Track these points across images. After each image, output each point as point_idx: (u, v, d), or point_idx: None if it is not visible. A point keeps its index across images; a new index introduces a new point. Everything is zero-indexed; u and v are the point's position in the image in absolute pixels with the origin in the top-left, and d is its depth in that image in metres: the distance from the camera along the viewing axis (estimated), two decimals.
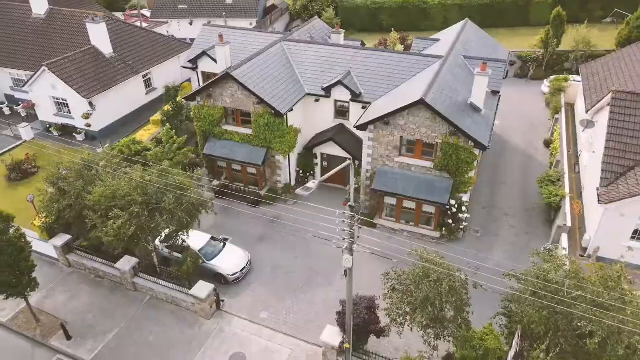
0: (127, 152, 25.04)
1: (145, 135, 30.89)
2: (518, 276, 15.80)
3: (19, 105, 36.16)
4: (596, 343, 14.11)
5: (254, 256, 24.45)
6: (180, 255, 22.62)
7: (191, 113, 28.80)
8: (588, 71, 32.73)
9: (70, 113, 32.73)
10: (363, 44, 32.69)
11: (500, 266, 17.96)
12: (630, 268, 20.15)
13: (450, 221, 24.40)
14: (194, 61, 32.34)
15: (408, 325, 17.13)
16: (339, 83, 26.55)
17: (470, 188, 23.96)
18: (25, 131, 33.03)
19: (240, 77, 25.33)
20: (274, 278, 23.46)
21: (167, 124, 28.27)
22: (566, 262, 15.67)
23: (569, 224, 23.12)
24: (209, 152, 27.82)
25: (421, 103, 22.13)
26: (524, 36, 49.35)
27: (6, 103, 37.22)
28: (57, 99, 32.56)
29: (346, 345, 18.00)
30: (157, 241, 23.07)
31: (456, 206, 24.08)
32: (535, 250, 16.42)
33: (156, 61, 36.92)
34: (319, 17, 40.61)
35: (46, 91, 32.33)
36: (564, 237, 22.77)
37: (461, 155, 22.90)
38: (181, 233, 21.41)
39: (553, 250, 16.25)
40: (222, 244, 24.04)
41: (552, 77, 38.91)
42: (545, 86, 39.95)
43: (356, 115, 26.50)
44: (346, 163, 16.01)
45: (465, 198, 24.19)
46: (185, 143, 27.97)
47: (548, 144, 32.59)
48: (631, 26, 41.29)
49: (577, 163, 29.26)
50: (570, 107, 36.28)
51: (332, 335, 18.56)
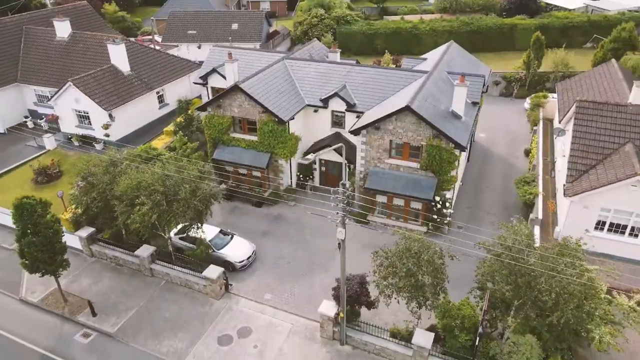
0: (145, 156, 27.94)
1: (159, 144, 33.88)
2: (486, 245, 18.53)
3: (42, 118, 39.29)
4: (552, 299, 16.72)
5: (259, 249, 27.06)
6: (193, 245, 25.28)
7: (202, 123, 31.87)
8: (563, 87, 35.99)
9: (90, 124, 35.82)
10: (357, 62, 36.02)
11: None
12: (594, 256, 22.72)
13: (435, 216, 27.11)
14: (205, 77, 35.68)
15: (395, 297, 19.71)
16: (336, 95, 29.73)
17: (452, 186, 26.78)
18: (48, 141, 36.08)
19: (247, 89, 28.52)
20: (277, 266, 26.03)
21: (180, 132, 31.26)
22: (525, 232, 18.35)
23: (540, 217, 25.85)
24: (218, 157, 30.76)
25: (407, 109, 25.20)
26: (510, 59, 53.16)
27: (30, 117, 40.36)
28: (79, 112, 35.70)
29: (340, 314, 20.48)
30: (172, 233, 25.79)
31: (440, 202, 26.87)
32: (502, 223, 19.21)
33: (168, 79, 40.31)
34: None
35: (69, 105, 35.51)
36: (537, 229, 25.48)
37: (443, 155, 25.83)
38: (195, 225, 24.08)
39: (516, 222, 18.95)
40: (230, 236, 26.71)
41: (533, 95, 42.21)
42: (527, 103, 43.22)
43: (351, 123, 29.48)
44: (338, 145, 18.74)
45: (448, 195, 26.99)
46: (195, 150, 30.99)
47: (527, 153, 35.58)
48: (605, 49, 45.06)
49: (553, 169, 32.15)
50: (549, 122, 39.41)
51: (329, 307, 21.08)
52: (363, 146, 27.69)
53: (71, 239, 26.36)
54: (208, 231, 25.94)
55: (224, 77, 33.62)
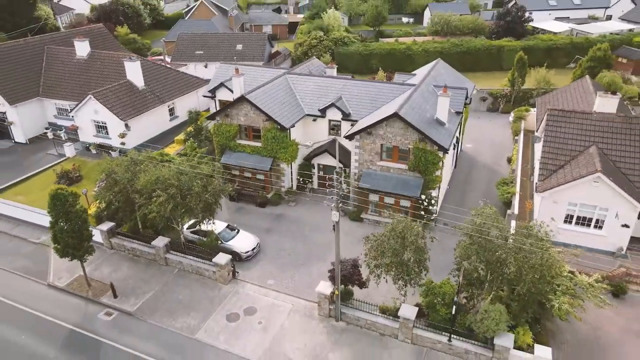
0: (160, 159, 30.97)
1: (171, 150, 36.92)
2: (459, 227, 21.42)
3: (62, 129, 42.46)
4: (513, 271, 19.51)
5: (262, 243, 29.82)
6: (203, 238, 28.10)
7: (210, 131, 34.98)
8: (542, 101, 39.28)
9: (107, 134, 38.97)
10: (353, 77, 39.34)
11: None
12: (562, 247, 25.47)
13: (422, 213, 29.96)
14: (213, 91, 38.98)
15: (383, 277, 22.43)
16: (332, 105, 32.94)
17: (437, 185, 29.71)
18: (68, 149, 39.19)
19: (253, 99, 31.73)
20: (279, 257, 28.76)
21: (191, 139, 34.36)
22: (489, 212, 21.25)
23: (516, 213, 28.71)
24: (226, 162, 33.74)
25: (395, 116, 28.35)
26: (497, 78, 56.70)
27: (50, 128, 43.53)
28: (98, 122, 38.90)
29: (335, 292, 23.17)
30: (184, 227, 28.64)
31: (427, 200, 29.77)
32: (471, 208, 22.11)
33: (179, 93, 43.69)
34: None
35: (89, 116, 38.75)
36: (513, 223, 28.29)
37: (429, 157, 28.86)
38: (207, 219, 26.91)
39: (483, 205, 21.86)
40: (236, 230, 29.52)
41: (516, 109, 45.48)
42: (511, 117, 46.47)
43: (346, 131, 32.61)
44: (332, 139, 21.67)
45: (434, 193, 29.90)
46: (204, 155, 34.00)
47: (510, 161, 38.61)
48: (583, 67, 48.64)
49: (533, 173, 35.13)
50: (530, 133, 42.55)
51: (325, 287, 23.77)
52: (357, 150, 30.75)
53: (93, 233, 29.19)
54: (216, 225, 28.74)
55: (231, 91, 36.86)
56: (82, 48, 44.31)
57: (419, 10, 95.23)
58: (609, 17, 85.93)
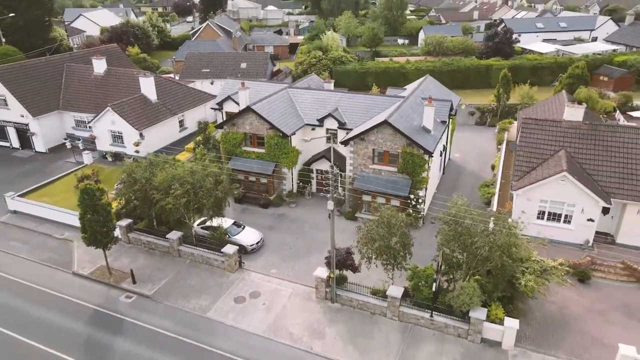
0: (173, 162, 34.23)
1: (182, 157, 40.18)
2: (439, 216, 24.59)
3: (79, 139, 45.83)
4: (486, 251, 22.60)
5: (265, 239, 32.85)
6: (212, 233, 31.18)
7: (218, 139, 38.32)
8: (523, 114, 42.76)
9: (123, 143, 42.34)
10: (348, 90, 42.87)
11: None
12: (538, 241, 28.44)
13: (411, 211, 33.09)
14: (221, 104, 42.50)
15: (373, 262, 25.43)
16: (329, 115, 36.39)
17: (424, 185, 32.90)
18: (86, 157, 42.51)
19: (257, 110, 35.20)
20: (281, 250, 31.77)
21: (200, 146, 37.69)
22: (459, 202, 24.45)
23: (495, 210, 31.78)
24: (232, 167, 36.94)
25: (386, 123, 31.74)
26: (485, 95, 60.46)
27: (69, 139, 46.92)
28: (114, 132, 42.32)
29: (331, 275, 26.16)
30: (195, 224, 31.74)
31: (415, 199, 32.93)
32: (447, 200, 25.30)
33: (188, 107, 47.26)
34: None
35: (106, 126, 42.20)
36: (491, 220, 31.36)
37: (415, 160, 32.15)
38: (217, 215, 30.04)
39: (456, 197, 25.06)
40: (242, 227, 32.62)
41: (500, 121, 49.01)
42: (497, 129, 49.97)
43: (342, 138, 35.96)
44: (327, 136, 24.97)
45: (421, 193, 33.08)
46: (213, 161, 37.28)
47: (493, 167, 41.89)
48: (563, 84, 52.34)
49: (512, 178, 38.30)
50: (512, 142, 45.91)
51: (322, 271, 26.77)
52: (351, 154, 34.08)
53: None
54: (224, 222, 31.83)
55: (237, 103, 40.30)
56: (100, 65, 48.07)
57: (414, 32, 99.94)
58: (595, 39, 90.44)
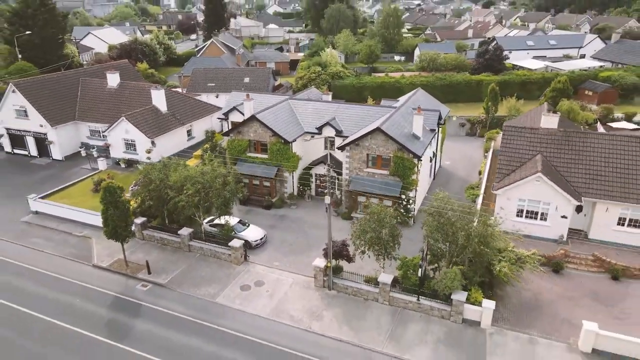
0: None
1: (190, 164, 43.27)
2: (425, 209, 27.56)
3: (94, 148, 49.00)
4: (464, 237, 25.53)
5: (268, 236, 35.67)
6: (219, 231, 34.10)
7: (224, 146, 41.44)
8: (508, 124, 45.93)
9: (135, 150, 45.50)
10: (345, 101, 46.18)
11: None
12: (514, 235, 31.30)
13: (402, 211, 36.02)
14: (226, 114, 45.79)
15: (366, 253, 28.31)
16: (327, 124, 39.60)
17: (414, 187, 35.90)
18: (101, 163, 45.67)
19: (261, 118, 38.41)
20: (282, 246, 34.64)
21: (208, 152, 40.82)
22: (440, 195, 27.46)
23: (479, 209, 34.73)
24: (238, 171, 40.01)
25: (378, 130, 34.90)
26: (476, 108, 63.81)
27: (84, 147, 50.15)
28: (127, 140, 45.51)
29: (328, 264, 29.01)
30: (204, 222, 34.67)
31: (406, 200, 35.92)
32: (433, 193, 28.33)
33: (195, 117, 50.56)
34: None
35: (120, 135, 45.40)
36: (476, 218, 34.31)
37: (406, 163, 35.23)
38: (225, 214, 32.99)
39: (438, 191, 28.07)
40: (247, 225, 35.55)
41: (488, 132, 52.28)
42: (485, 139, 53.20)
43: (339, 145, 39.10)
44: (325, 137, 28.04)
45: (411, 194, 36.07)
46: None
47: (480, 173, 44.96)
48: (547, 97, 55.72)
49: None
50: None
51: (320, 262, 29.62)
52: (347, 159, 37.16)
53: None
54: (231, 220, 34.77)
55: (242, 114, 43.62)
56: (113, 79, 51.52)
57: (410, 49, 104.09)
58: (583, 56, 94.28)
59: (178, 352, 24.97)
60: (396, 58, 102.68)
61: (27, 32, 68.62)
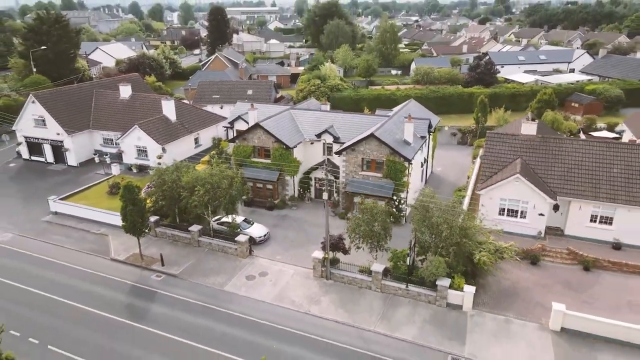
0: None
1: (198, 168, 46.47)
2: (413, 205, 30.66)
3: (107, 155, 52.26)
4: (447, 229, 28.60)
5: (271, 234, 38.72)
6: (226, 228, 37.19)
7: (230, 152, 44.70)
8: (491, 131, 49.24)
9: (147, 157, 48.76)
10: (342, 111, 49.56)
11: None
12: (502, 234, 34.22)
13: (395, 210, 39.10)
14: (232, 123, 49.15)
15: (360, 246, 31.34)
16: (326, 131, 42.90)
17: (405, 189, 39.04)
18: (115, 169, 48.90)
19: (264, 126, 41.73)
20: (284, 242, 37.66)
21: (215, 157, 44.08)
22: (427, 191, 30.57)
23: (466, 209, 37.84)
24: (244, 174, 43.23)
25: (372, 136, 38.19)
26: (468, 119, 67.26)
27: (97, 154, 53.41)
28: (139, 147, 48.79)
29: (325, 256, 32.03)
30: (212, 220, 37.76)
31: (398, 200, 39.04)
32: (420, 190, 31.44)
33: (202, 126, 53.92)
34: None
35: (132, 142, 48.71)
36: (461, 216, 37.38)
37: (397, 167, 38.44)
38: (231, 213, 36.10)
39: (425, 188, 31.16)
40: (252, 223, 38.63)
41: (477, 140, 55.61)
42: (474, 147, 56.49)
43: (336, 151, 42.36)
44: (325, 142, 31.32)
45: (403, 195, 39.19)
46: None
47: (469, 177, 48.15)
48: (532, 108, 59.17)
49: None
50: None
51: (318, 254, 32.65)
52: (344, 163, 40.40)
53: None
54: (237, 219, 37.84)
55: (247, 122, 46.95)
56: (126, 91, 55.02)
57: (406, 64, 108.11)
58: (572, 70, 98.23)
59: (191, 331, 27.89)
60: (393, 72, 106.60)
61: (43, 47, 72.37)
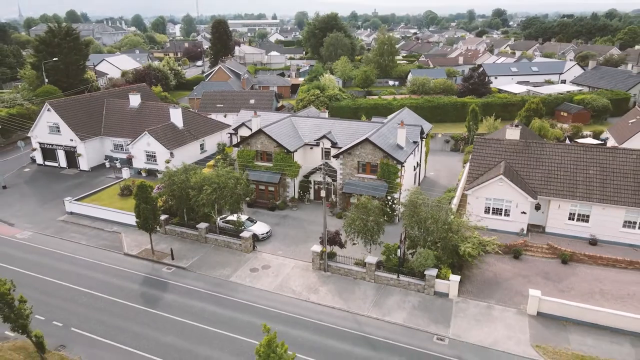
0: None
1: (205, 171, 49.36)
2: (403, 203, 33.52)
3: (117, 160, 55.20)
4: (434, 223, 31.40)
5: (273, 231, 41.51)
6: (232, 226, 40.00)
7: (234, 155, 47.63)
8: (478, 137, 52.25)
9: (155, 161, 51.71)
10: (340, 118, 52.57)
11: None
12: (487, 231, 37.07)
13: (388, 210, 41.90)
14: (236, 129, 52.16)
15: (355, 240, 34.14)
16: (324, 137, 45.87)
17: (398, 189, 41.89)
18: (125, 173, 51.80)
19: (267, 132, 44.72)
20: (285, 239, 40.42)
21: (221, 161, 47.02)
22: (415, 189, 33.38)
23: (454, 208, 40.67)
24: (247, 177, 46.08)
25: (367, 140, 41.15)
26: (461, 127, 70.30)
27: (108, 160, 56.33)
28: (149, 152, 51.76)
29: (323, 249, 34.78)
30: (218, 219, 40.58)
31: (391, 201, 41.88)
32: (409, 189, 34.31)
33: (207, 133, 56.94)
34: None
35: (142, 147, 51.68)
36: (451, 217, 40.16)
37: (390, 169, 41.34)
38: (237, 212, 38.94)
39: (414, 187, 34.01)
40: (255, 221, 41.45)
41: (468, 146, 58.60)
42: (465, 153, 59.46)
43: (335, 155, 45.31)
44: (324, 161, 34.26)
45: (396, 195, 42.04)
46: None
47: (459, 180, 51.03)
48: (521, 116, 62.24)
49: None
50: None
51: (317, 247, 35.41)
52: (341, 166, 43.31)
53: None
54: (241, 217, 40.66)
55: (250, 129, 49.95)
56: (135, 100, 58.17)
57: (404, 75, 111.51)
58: (564, 81, 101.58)
59: (200, 315, 30.57)
60: (390, 83, 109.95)
61: (54, 59, 75.73)
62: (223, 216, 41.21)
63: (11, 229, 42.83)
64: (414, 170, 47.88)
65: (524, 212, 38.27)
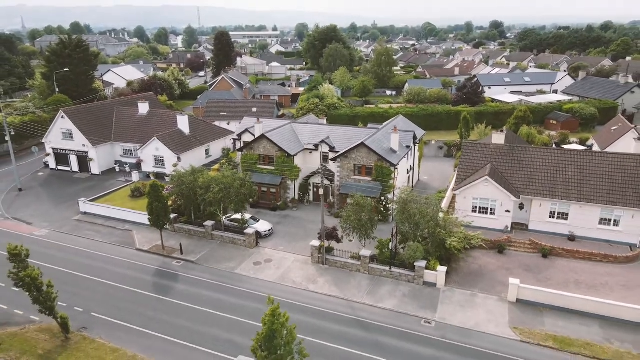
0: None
1: (211, 174, 52.35)
2: (395, 200, 36.46)
3: (126, 164, 58.24)
4: (421, 218, 34.33)
5: (274, 229, 44.39)
6: (236, 224, 42.91)
7: (238, 159, 50.64)
8: (467, 142, 55.32)
9: (163, 165, 54.74)
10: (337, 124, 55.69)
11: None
12: (474, 229, 39.87)
13: (383, 209, 44.80)
14: (240, 135, 55.25)
15: (351, 236, 37.04)
16: (323, 142, 48.94)
17: (392, 190, 44.83)
18: (135, 176, 54.81)
19: (269, 137, 47.81)
20: (286, 236, 43.30)
21: (226, 165, 50.06)
22: (405, 187, 36.29)
23: (444, 208, 43.59)
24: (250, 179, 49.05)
25: (362, 144, 44.20)
26: (455, 134, 73.30)
27: (118, 164, 59.34)
28: (157, 157, 54.82)
29: (322, 244, 37.65)
30: (224, 218, 43.51)
31: (385, 201, 44.81)
32: (400, 188, 37.27)
33: (212, 139, 60.04)
34: None
35: (151, 152, 54.74)
36: (441, 214, 43.07)
37: (384, 171, 44.34)
38: (242, 211, 41.88)
39: (405, 186, 36.95)
40: (258, 220, 44.36)
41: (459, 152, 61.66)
42: (456, 158, 62.46)
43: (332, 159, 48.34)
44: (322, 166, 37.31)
45: (389, 196, 44.97)
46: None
47: (450, 182, 53.96)
48: (510, 124, 65.38)
49: None
50: None
51: (316, 242, 38.28)
52: (338, 169, 46.31)
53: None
54: (245, 216, 43.59)
55: (253, 135, 53.02)
56: (143, 107, 61.40)
57: (401, 85, 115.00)
58: (555, 91, 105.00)
59: (209, 303, 33.37)
60: (388, 93, 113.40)
61: (65, 69, 79.13)
62: (228, 215, 44.11)
63: (29, 227, 45.74)
64: (407, 173, 50.86)
65: (508, 211, 41.18)
